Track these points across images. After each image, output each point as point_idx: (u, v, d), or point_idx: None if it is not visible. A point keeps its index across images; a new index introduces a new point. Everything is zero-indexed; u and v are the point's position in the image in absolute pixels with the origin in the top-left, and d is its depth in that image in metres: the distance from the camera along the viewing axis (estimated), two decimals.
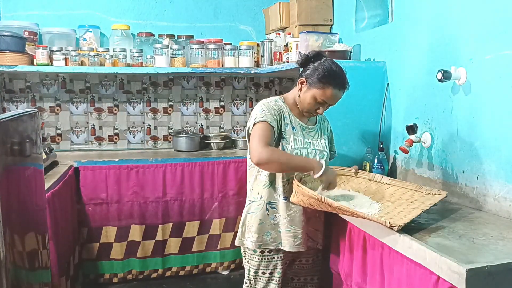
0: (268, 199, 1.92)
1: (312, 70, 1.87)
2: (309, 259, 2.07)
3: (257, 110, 1.88)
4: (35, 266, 1.48)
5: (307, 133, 1.97)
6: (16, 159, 1.32)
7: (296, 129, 1.94)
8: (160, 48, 3.23)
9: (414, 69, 2.31)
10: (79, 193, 2.95)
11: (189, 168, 3.10)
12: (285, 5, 3.28)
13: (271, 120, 1.83)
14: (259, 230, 1.91)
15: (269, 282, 1.96)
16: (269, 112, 1.85)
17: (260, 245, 1.92)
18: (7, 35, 2.85)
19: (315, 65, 1.88)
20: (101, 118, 3.53)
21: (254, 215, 1.93)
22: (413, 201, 1.80)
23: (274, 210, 1.92)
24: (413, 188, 1.89)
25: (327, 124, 2.14)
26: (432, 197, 1.80)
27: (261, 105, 1.89)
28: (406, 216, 1.59)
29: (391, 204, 1.82)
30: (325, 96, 1.85)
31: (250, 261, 1.97)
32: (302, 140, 1.93)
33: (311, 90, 1.87)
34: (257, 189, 1.94)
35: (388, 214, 1.68)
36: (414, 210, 1.66)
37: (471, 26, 1.93)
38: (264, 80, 3.85)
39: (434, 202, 1.73)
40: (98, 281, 3.07)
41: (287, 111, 1.94)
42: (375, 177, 2.02)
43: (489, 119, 1.83)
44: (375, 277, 1.65)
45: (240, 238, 1.97)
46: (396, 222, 1.49)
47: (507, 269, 1.26)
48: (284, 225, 1.90)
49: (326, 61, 1.88)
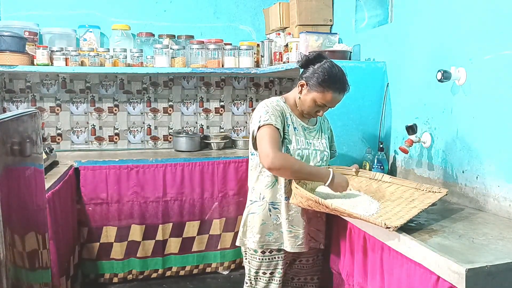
0: (270, 199, 1.92)
1: (312, 72, 1.87)
2: (310, 259, 2.07)
3: (260, 111, 1.86)
4: (35, 266, 1.48)
5: (308, 134, 1.97)
6: (17, 159, 1.32)
7: (298, 129, 1.94)
8: (160, 48, 3.23)
9: (414, 69, 2.31)
10: (79, 193, 2.95)
11: (189, 168, 3.10)
12: (285, 5, 3.28)
13: (276, 122, 1.82)
14: (262, 231, 1.91)
15: (269, 282, 1.96)
16: (273, 113, 1.84)
17: (262, 246, 1.92)
18: (7, 35, 2.86)
19: (315, 67, 1.87)
20: (101, 118, 3.53)
21: (257, 216, 1.92)
22: (412, 200, 1.79)
23: (276, 211, 1.92)
24: (414, 186, 1.89)
25: (327, 124, 2.15)
26: (432, 195, 1.78)
27: (264, 106, 1.89)
28: (404, 217, 1.59)
29: (390, 203, 1.82)
30: (325, 99, 1.86)
31: (251, 261, 1.98)
32: (304, 140, 1.93)
33: (311, 93, 1.87)
34: (259, 189, 1.94)
35: (386, 214, 1.68)
36: (413, 210, 1.66)
37: (471, 26, 1.93)
38: (264, 80, 3.85)
39: (434, 201, 1.72)
40: (98, 281, 3.07)
41: (288, 111, 1.94)
42: (375, 175, 2.02)
43: (489, 119, 1.83)
44: (375, 277, 1.65)
45: (242, 238, 1.97)
46: (392, 223, 1.48)
47: (507, 269, 1.26)
48: (285, 225, 1.90)
49: (326, 63, 1.87)
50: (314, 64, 1.89)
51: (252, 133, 1.88)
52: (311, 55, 1.92)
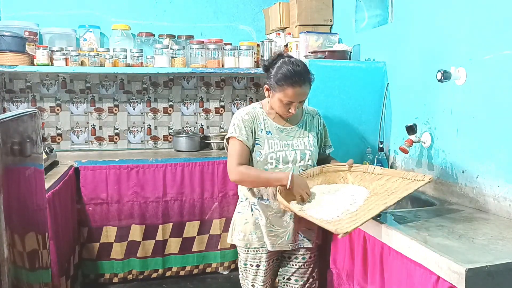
0: (252, 200, 2.01)
1: (270, 75, 1.93)
2: (307, 258, 2.09)
3: (231, 122, 1.99)
4: (35, 266, 1.48)
5: (286, 135, 2.01)
6: (17, 159, 1.32)
7: (271, 133, 1.98)
8: (160, 48, 3.23)
9: (414, 69, 2.31)
10: (79, 193, 2.95)
11: (189, 168, 3.10)
12: (285, 5, 3.28)
13: (239, 134, 1.93)
14: (245, 229, 2.02)
15: (256, 275, 2.05)
16: (238, 125, 1.95)
17: (246, 244, 2.02)
18: (8, 35, 2.85)
19: (273, 70, 1.92)
20: (101, 118, 3.53)
21: (242, 215, 2.04)
22: (392, 192, 1.76)
23: (257, 211, 2.00)
24: (401, 175, 1.86)
25: (317, 120, 2.13)
26: (413, 185, 1.75)
27: (235, 117, 2.00)
28: (356, 221, 1.57)
29: (374, 198, 1.79)
30: (287, 96, 1.89)
31: (240, 254, 2.09)
32: (279, 142, 1.98)
33: (275, 94, 1.93)
34: (242, 190, 2.06)
35: (358, 215, 1.65)
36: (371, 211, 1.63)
37: (471, 26, 1.93)
38: (264, 80, 3.84)
39: (411, 191, 1.69)
40: (98, 281, 3.07)
41: (262, 116, 2.00)
42: (368, 168, 2.01)
43: (489, 119, 1.83)
44: (375, 277, 1.65)
45: (231, 236, 2.10)
46: (343, 229, 1.48)
47: (507, 269, 1.26)
48: (266, 225, 1.98)
49: (282, 63, 1.91)
50: (273, 66, 1.93)
51: (225, 141, 2.03)
52: (269, 59, 2.00)
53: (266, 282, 2.06)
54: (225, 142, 2.03)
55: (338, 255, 1.99)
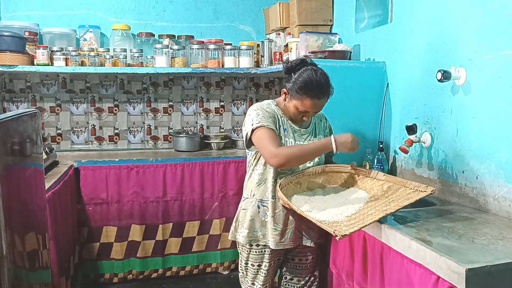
0: (260, 197, 1.99)
1: (291, 81, 1.91)
2: (304, 258, 2.10)
3: (252, 115, 1.93)
4: (35, 266, 1.48)
5: (299, 136, 2.02)
6: (17, 159, 1.32)
7: (287, 131, 1.99)
8: (160, 48, 3.23)
9: (414, 69, 2.31)
10: (79, 193, 2.95)
11: (189, 168, 3.10)
12: (285, 5, 3.28)
13: (268, 123, 1.89)
14: (250, 226, 2.00)
15: (257, 274, 2.05)
16: (264, 116, 1.91)
17: (250, 240, 2.01)
18: (8, 35, 2.86)
19: (295, 76, 1.90)
20: (101, 118, 3.53)
21: (247, 212, 2.01)
22: (393, 200, 1.77)
23: (265, 208, 1.99)
24: (404, 184, 1.86)
25: (325, 123, 2.16)
26: (417, 195, 1.74)
27: (255, 109, 1.95)
28: (357, 224, 1.58)
29: (374, 203, 1.80)
30: (304, 106, 1.89)
31: (241, 253, 2.08)
32: (293, 142, 1.98)
33: (292, 101, 1.92)
34: (250, 186, 2.02)
35: (357, 218, 1.67)
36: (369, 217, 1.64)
37: (470, 26, 1.93)
38: (264, 80, 3.85)
39: (412, 201, 1.69)
40: (98, 281, 3.07)
41: (279, 114, 1.99)
42: (371, 173, 2.02)
43: (489, 119, 1.83)
44: (375, 277, 1.65)
45: (233, 233, 2.07)
46: (341, 232, 1.49)
47: (507, 269, 1.26)
48: (271, 223, 1.97)
49: (305, 71, 1.89)
50: (295, 71, 1.91)
51: (245, 135, 1.95)
52: (292, 63, 1.95)
53: (266, 282, 2.06)
54: (248, 135, 1.92)
55: (338, 255, 1.99)
